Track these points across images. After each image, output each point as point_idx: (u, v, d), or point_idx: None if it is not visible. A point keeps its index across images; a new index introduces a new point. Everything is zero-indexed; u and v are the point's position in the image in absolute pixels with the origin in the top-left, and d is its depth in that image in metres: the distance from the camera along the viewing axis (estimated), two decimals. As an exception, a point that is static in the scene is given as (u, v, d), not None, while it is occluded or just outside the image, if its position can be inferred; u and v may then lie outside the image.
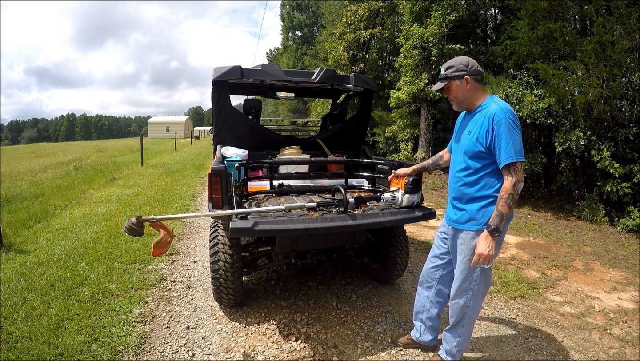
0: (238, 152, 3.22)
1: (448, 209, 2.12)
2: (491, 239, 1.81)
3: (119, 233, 4.49)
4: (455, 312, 2.10)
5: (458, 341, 2.13)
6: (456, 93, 1.95)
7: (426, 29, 8.63)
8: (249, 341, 2.48)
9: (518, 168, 1.78)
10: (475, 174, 1.91)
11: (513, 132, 1.78)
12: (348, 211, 2.34)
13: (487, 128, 1.82)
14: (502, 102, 1.87)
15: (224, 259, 2.55)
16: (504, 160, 1.78)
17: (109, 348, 2.33)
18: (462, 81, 1.91)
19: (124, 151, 20.13)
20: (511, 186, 1.77)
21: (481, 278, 1.99)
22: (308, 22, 31.30)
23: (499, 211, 1.79)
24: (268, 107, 35.58)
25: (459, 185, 1.98)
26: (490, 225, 1.80)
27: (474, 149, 1.88)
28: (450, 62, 1.95)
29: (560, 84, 5.98)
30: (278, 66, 3.31)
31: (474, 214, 1.91)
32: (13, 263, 3.73)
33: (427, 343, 2.36)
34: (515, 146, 1.76)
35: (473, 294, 2.02)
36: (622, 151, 5.67)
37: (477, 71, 1.91)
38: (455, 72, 1.91)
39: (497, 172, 1.87)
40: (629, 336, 2.64)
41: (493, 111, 1.82)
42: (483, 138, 1.84)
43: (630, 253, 4.47)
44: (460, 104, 1.98)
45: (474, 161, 1.90)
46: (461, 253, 1.99)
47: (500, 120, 1.78)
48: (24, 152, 25.97)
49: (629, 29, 5.45)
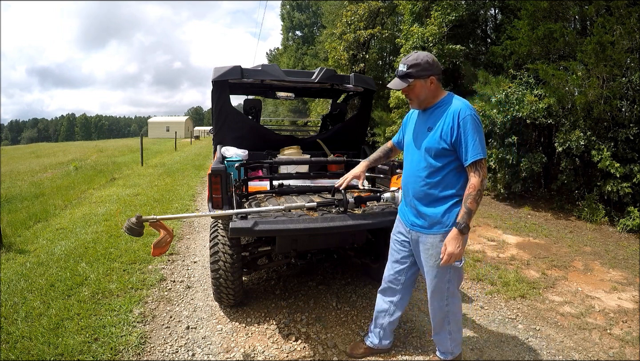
0: (238, 152, 3.22)
1: (407, 212, 2.02)
2: (461, 238, 1.77)
3: (119, 233, 4.49)
4: (437, 316, 2.06)
5: (451, 338, 2.10)
6: (419, 93, 1.87)
7: (426, 29, 8.63)
8: (249, 341, 2.48)
9: (483, 165, 1.77)
10: (439, 173, 1.85)
11: (479, 129, 1.78)
12: (348, 211, 2.34)
13: (452, 125, 1.78)
14: (463, 99, 1.87)
15: (224, 259, 2.55)
16: (471, 157, 1.75)
17: (109, 348, 2.33)
18: (427, 81, 1.84)
19: (124, 151, 20.13)
20: (479, 182, 1.75)
21: (454, 276, 1.96)
22: (308, 22, 31.33)
23: (468, 208, 1.76)
24: (268, 107, 35.60)
25: (421, 185, 1.89)
26: (460, 223, 1.76)
27: (438, 147, 1.81)
28: (413, 60, 1.83)
29: (560, 84, 5.98)
30: (278, 65, 3.31)
31: (439, 218, 1.86)
32: (13, 263, 3.73)
33: (385, 347, 2.33)
34: (482, 143, 1.76)
35: (449, 294, 1.99)
36: (623, 151, 5.67)
37: (440, 69, 1.88)
38: (421, 72, 1.82)
39: (457, 170, 1.84)
40: (629, 336, 2.64)
41: (458, 108, 1.79)
42: (448, 135, 1.79)
43: (630, 253, 4.47)
44: (420, 103, 1.91)
45: (437, 159, 1.84)
46: (431, 258, 1.92)
47: (466, 117, 1.76)
48: (24, 152, 25.97)
49: (629, 29, 5.44)
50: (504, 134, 6.81)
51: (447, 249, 1.79)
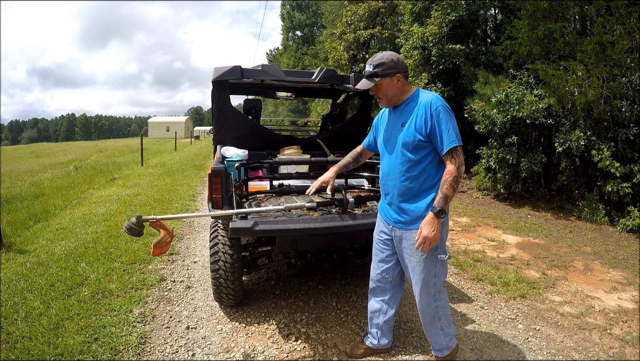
0: (238, 152, 3.22)
1: (388, 210, 2.03)
2: (437, 221, 1.79)
3: (119, 233, 4.49)
4: (427, 313, 2.05)
5: (444, 333, 2.10)
6: (387, 91, 1.91)
7: (426, 29, 8.63)
8: (249, 341, 2.48)
9: (459, 152, 1.80)
10: (417, 166, 1.87)
11: (451, 118, 1.83)
12: (348, 211, 2.34)
13: (425, 116, 1.82)
14: (431, 92, 1.90)
15: (224, 259, 2.55)
16: (447, 145, 1.79)
17: (109, 348, 2.33)
18: (394, 78, 1.88)
19: (123, 151, 20.13)
20: (455, 169, 1.79)
21: (440, 270, 1.97)
22: (308, 22, 31.34)
23: (444, 193, 1.78)
24: (268, 107, 35.61)
25: (402, 181, 1.91)
26: (435, 207, 1.78)
27: (414, 140, 1.84)
28: (378, 60, 1.88)
29: (560, 84, 5.98)
30: (278, 65, 3.31)
31: (422, 212, 1.87)
32: (13, 263, 3.73)
33: (385, 347, 2.32)
34: (455, 131, 1.81)
35: (437, 289, 1.99)
36: (623, 151, 5.67)
37: (406, 66, 1.93)
38: (387, 70, 1.87)
39: (435, 162, 1.88)
40: (629, 336, 2.64)
41: (428, 99, 1.83)
42: (422, 127, 1.82)
43: (630, 253, 4.47)
44: (389, 101, 1.95)
45: (414, 153, 1.87)
46: (415, 254, 1.92)
47: (438, 107, 1.81)
48: (24, 153, 25.98)
49: (629, 29, 5.45)
50: (504, 134, 6.81)
51: (422, 232, 1.81)
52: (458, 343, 2.32)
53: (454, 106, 10.43)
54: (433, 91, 8.77)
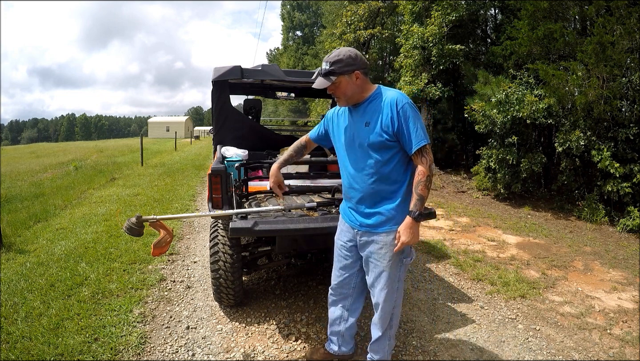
0: (238, 152, 3.22)
1: (352, 214, 1.92)
2: (416, 225, 1.72)
3: (119, 233, 4.49)
4: (384, 319, 1.95)
5: (389, 344, 2.03)
6: (345, 89, 1.78)
7: (426, 29, 8.63)
8: (249, 341, 2.48)
9: (428, 150, 1.74)
10: (384, 167, 1.78)
11: (418, 116, 1.75)
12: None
13: (391, 115, 1.72)
14: (394, 89, 1.83)
15: (224, 259, 2.55)
16: (415, 144, 1.71)
17: (109, 348, 2.33)
18: (352, 76, 1.76)
19: (123, 151, 20.13)
20: (427, 168, 1.72)
21: (404, 274, 1.93)
22: (308, 22, 31.34)
23: (419, 195, 1.71)
24: (268, 107, 35.62)
25: (370, 183, 1.80)
26: (413, 211, 1.71)
27: (381, 139, 1.74)
28: (335, 57, 1.76)
29: (560, 84, 5.99)
30: (278, 66, 3.31)
31: (392, 214, 1.79)
32: (13, 263, 3.73)
33: (346, 353, 2.22)
34: (423, 129, 1.74)
35: (398, 294, 1.94)
36: (623, 151, 5.67)
37: (365, 63, 1.81)
38: (344, 67, 1.74)
39: (403, 162, 1.80)
40: (629, 336, 2.64)
41: (394, 98, 1.74)
42: (388, 126, 1.73)
43: (630, 253, 4.47)
44: (349, 100, 1.82)
45: (381, 153, 1.77)
46: (384, 258, 1.82)
47: (404, 105, 1.72)
48: (24, 153, 25.97)
49: (629, 29, 5.45)
50: (504, 134, 6.81)
51: (401, 237, 1.73)
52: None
53: (454, 106, 10.46)
54: (433, 90, 8.84)
